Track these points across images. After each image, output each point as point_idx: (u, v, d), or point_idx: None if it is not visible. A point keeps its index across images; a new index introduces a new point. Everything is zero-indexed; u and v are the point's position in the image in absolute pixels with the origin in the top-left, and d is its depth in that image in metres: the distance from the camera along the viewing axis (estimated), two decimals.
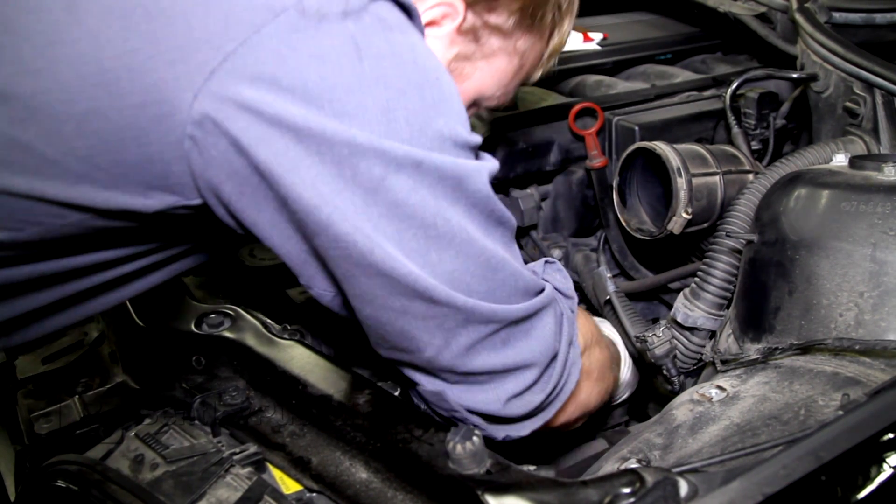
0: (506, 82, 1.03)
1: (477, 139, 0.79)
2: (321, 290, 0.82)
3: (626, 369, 1.32)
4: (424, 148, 0.73)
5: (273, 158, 0.70)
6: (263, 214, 0.75)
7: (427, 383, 0.87)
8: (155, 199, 0.74)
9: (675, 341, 1.29)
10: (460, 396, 0.86)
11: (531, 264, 0.98)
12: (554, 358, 0.89)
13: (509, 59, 1.00)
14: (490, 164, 0.80)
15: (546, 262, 1.01)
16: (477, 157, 0.80)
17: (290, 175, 0.70)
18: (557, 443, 1.42)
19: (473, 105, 1.03)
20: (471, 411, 0.87)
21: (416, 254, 0.75)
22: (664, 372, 1.28)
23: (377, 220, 0.73)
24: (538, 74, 1.09)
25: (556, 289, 0.95)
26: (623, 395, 1.34)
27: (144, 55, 0.68)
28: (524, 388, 0.87)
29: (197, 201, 0.75)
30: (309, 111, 0.69)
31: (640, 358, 1.34)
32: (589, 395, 1.02)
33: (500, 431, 0.91)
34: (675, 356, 1.28)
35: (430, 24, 0.91)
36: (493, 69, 1.00)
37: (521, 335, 0.84)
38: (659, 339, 1.26)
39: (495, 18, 0.95)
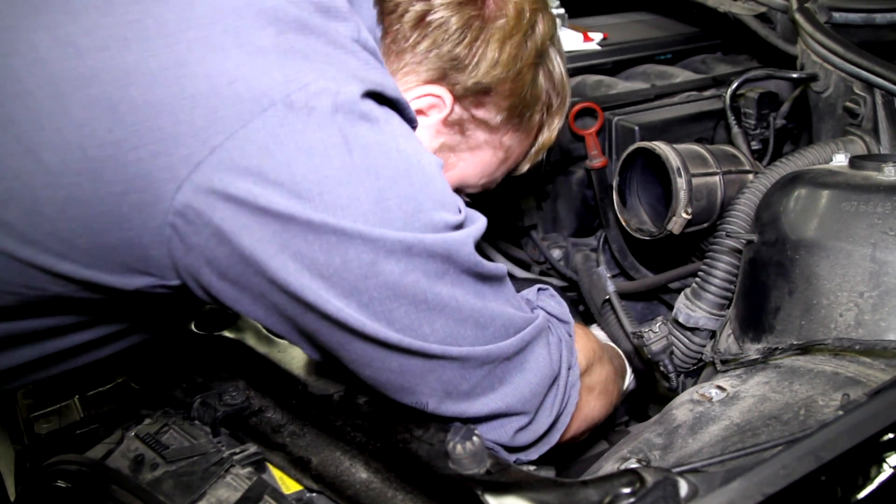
0: (489, 172, 1.04)
1: (461, 204, 0.80)
2: (310, 353, 0.84)
3: (629, 376, 1.33)
4: (417, 231, 0.74)
5: (258, 245, 0.70)
6: (246, 296, 0.76)
7: (436, 409, 0.86)
8: (135, 280, 0.76)
9: (675, 339, 1.29)
10: (467, 420, 0.87)
11: (524, 292, 0.99)
12: (553, 383, 0.90)
13: (494, 153, 1.02)
14: (476, 226, 0.81)
15: (539, 289, 1.03)
16: (462, 225, 0.80)
17: (274, 261, 0.71)
18: (558, 445, 1.42)
19: (456, 192, 1.03)
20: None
21: (407, 328, 0.76)
22: (661, 368, 1.28)
23: (367, 302, 0.74)
24: (525, 167, 1.11)
25: (550, 314, 0.96)
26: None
27: (129, 146, 0.69)
28: (529, 422, 0.88)
29: (175, 282, 0.76)
30: (297, 203, 0.70)
31: (638, 355, 1.34)
32: (592, 410, 1.04)
33: (510, 457, 0.92)
34: (671, 352, 1.28)
35: (418, 112, 0.92)
36: (478, 161, 1.01)
37: (517, 370, 0.85)
38: (655, 335, 1.26)
39: (483, 114, 0.97)
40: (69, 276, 0.74)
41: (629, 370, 1.34)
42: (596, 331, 1.36)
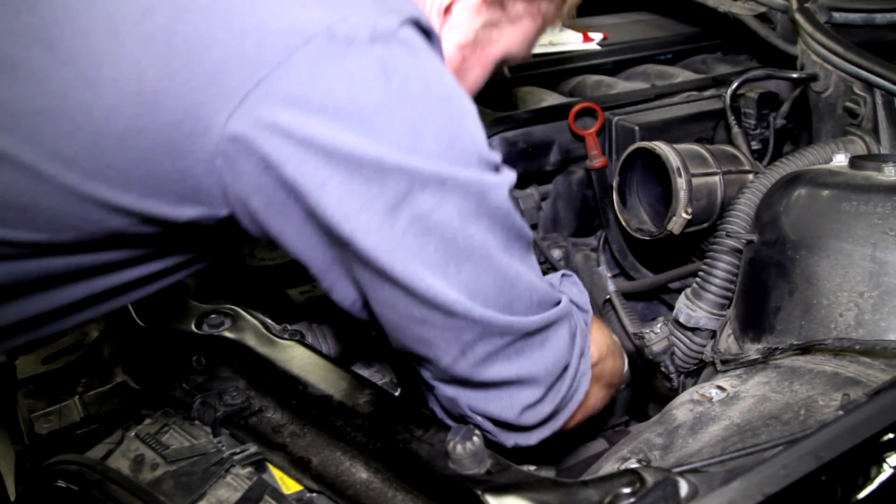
0: (530, 42, 1.07)
1: (497, 156, 0.81)
2: (341, 296, 0.84)
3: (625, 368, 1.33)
4: (450, 163, 0.75)
5: (301, 177, 0.72)
6: (289, 226, 0.77)
7: (443, 388, 0.87)
8: (186, 210, 0.78)
9: (676, 340, 1.29)
10: (475, 404, 0.87)
11: (549, 276, 0.99)
12: (565, 369, 0.90)
13: (533, 21, 1.05)
14: (510, 177, 0.82)
15: (563, 274, 1.04)
16: (497, 170, 0.81)
17: (316, 192, 0.72)
18: (557, 444, 1.42)
19: (501, 64, 1.08)
20: (484, 417, 0.88)
21: (436, 268, 0.76)
22: (662, 368, 1.28)
23: (400, 236, 0.74)
24: (558, 26, 1.14)
25: (571, 301, 0.96)
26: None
27: (182, 78, 0.72)
28: (537, 399, 0.88)
29: (224, 213, 0.78)
30: (339, 130, 0.72)
31: (639, 355, 1.34)
32: (597, 401, 1.04)
33: (510, 439, 0.92)
34: (672, 353, 1.28)
35: None
36: (519, 32, 1.04)
37: (536, 346, 0.86)
38: (657, 336, 1.26)
39: None
40: (126, 208, 0.76)
41: (626, 364, 1.34)
42: None
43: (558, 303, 0.89)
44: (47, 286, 0.84)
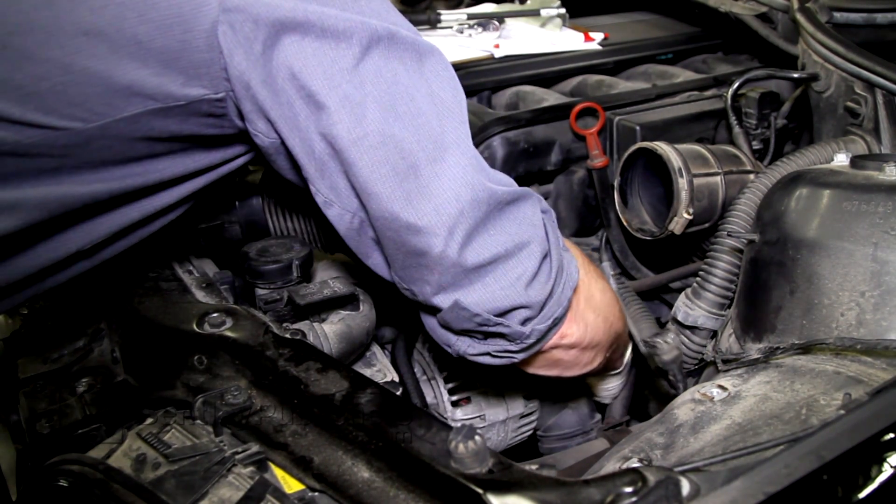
0: None
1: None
2: (340, 208, 0.89)
3: (629, 354, 1.34)
4: (395, 24, 0.84)
5: (290, 51, 0.80)
6: (283, 106, 0.83)
7: (444, 301, 0.89)
8: (192, 90, 0.83)
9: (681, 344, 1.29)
10: (479, 300, 0.89)
11: None
12: (547, 249, 0.93)
13: None
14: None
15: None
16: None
17: (294, 53, 0.80)
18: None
19: None
20: (496, 314, 0.90)
21: (399, 118, 0.83)
22: (670, 377, 1.29)
23: (366, 89, 0.81)
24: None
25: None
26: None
27: None
28: (533, 272, 0.90)
29: (223, 92, 0.84)
30: (309, 5, 0.80)
31: (645, 361, 1.35)
32: (592, 322, 1.04)
33: (527, 327, 0.93)
34: (682, 363, 1.29)
35: None
36: None
37: (510, 219, 0.89)
38: (668, 346, 1.27)
39: None
40: (143, 89, 0.81)
41: (629, 349, 1.35)
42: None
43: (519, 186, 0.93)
44: (89, 213, 0.89)
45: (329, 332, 1.13)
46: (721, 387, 0.98)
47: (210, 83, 0.83)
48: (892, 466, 0.67)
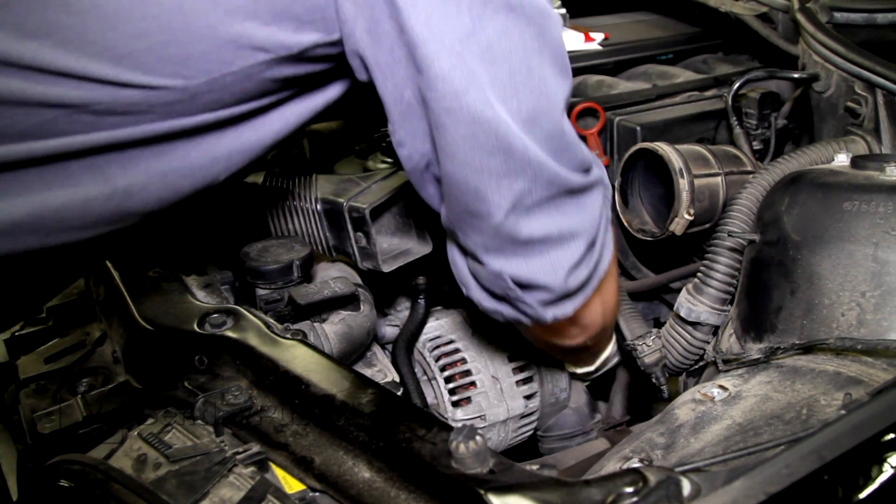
0: None
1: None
2: (412, 149, 0.87)
3: (612, 345, 1.36)
4: None
5: (402, 6, 0.76)
6: (383, 52, 0.80)
7: (490, 262, 0.90)
8: (305, 36, 0.81)
9: (676, 335, 1.29)
10: (520, 273, 0.89)
11: None
12: (597, 234, 0.93)
13: None
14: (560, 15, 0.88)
15: (592, 155, 1.07)
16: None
17: (408, 7, 0.76)
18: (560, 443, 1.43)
19: None
20: (530, 286, 0.91)
21: (502, 100, 0.79)
22: (653, 380, 1.30)
23: (473, 62, 0.77)
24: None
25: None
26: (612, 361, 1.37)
27: None
28: (578, 260, 0.91)
29: (337, 35, 0.82)
30: None
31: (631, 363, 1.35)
32: (609, 297, 1.07)
33: (549, 312, 0.94)
34: (664, 365, 1.30)
35: None
36: None
37: (574, 205, 0.89)
38: (649, 349, 1.28)
39: None
40: (247, 38, 0.79)
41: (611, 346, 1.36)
42: None
43: (594, 169, 0.93)
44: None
45: (330, 332, 1.13)
46: (722, 387, 0.98)
47: (324, 26, 0.81)
48: (892, 467, 0.67)
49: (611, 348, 1.36)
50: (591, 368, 1.35)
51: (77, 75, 0.76)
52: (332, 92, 0.94)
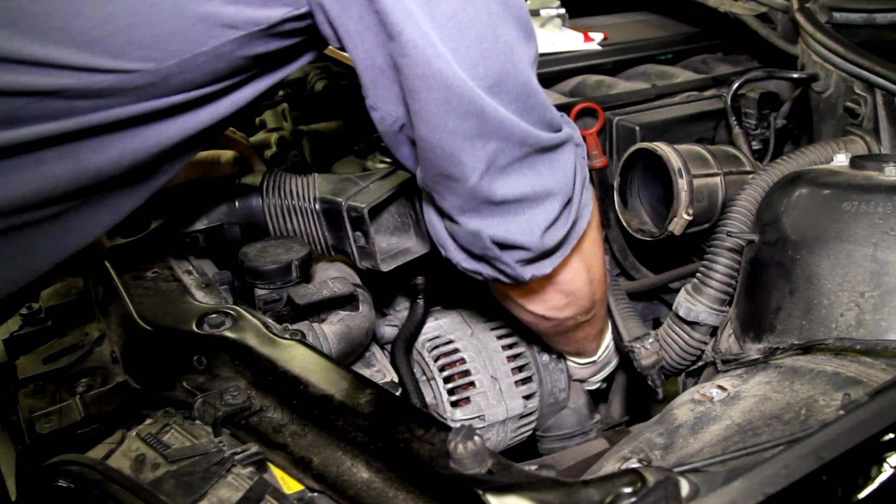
0: None
1: None
2: (385, 111, 0.88)
3: (608, 339, 1.36)
4: None
5: None
6: (353, 20, 0.81)
7: (466, 222, 0.91)
8: (273, 11, 0.81)
9: (674, 335, 1.29)
10: (497, 232, 0.91)
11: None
12: (570, 196, 0.95)
13: None
14: None
15: (560, 114, 1.07)
16: None
17: None
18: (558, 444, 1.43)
19: None
20: (507, 246, 0.92)
21: (470, 64, 0.81)
22: (649, 382, 1.30)
23: (442, 27, 0.79)
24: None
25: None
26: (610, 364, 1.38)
27: None
28: (553, 219, 0.92)
29: (305, 8, 0.82)
30: None
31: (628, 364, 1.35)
32: (593, 263, 1.08)
33: (528, 271, 0.96)
34: (661, 367, 1.30)
35: None
36: None
37: (546, 164, 0.90)
38: (647, 352, 1.28)
39: None
40: (214, 16, 0.78)
41: (609, 337, 1.36)
42: None
43: (563, 128, 0.94)
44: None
45: (328, 332, 1.13)
46: (720, 387, 0.98)
47: (293, 2, 0.81)
48: (891, 467, 0.67)
49: (609, 345, 1.36)
50: (593, 359, 1.35)
51: (45, 63, 0.75)
52: (304, 60, 0.96)
